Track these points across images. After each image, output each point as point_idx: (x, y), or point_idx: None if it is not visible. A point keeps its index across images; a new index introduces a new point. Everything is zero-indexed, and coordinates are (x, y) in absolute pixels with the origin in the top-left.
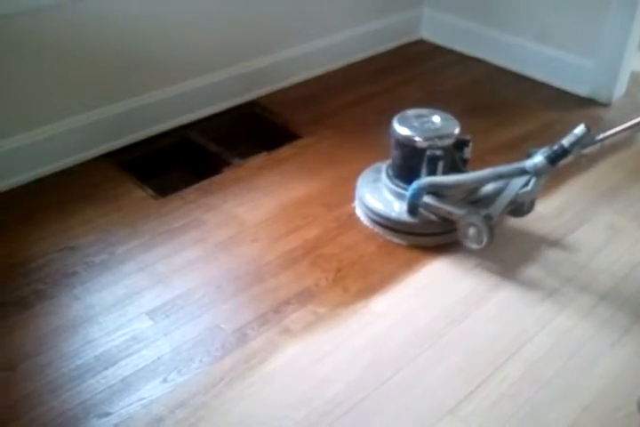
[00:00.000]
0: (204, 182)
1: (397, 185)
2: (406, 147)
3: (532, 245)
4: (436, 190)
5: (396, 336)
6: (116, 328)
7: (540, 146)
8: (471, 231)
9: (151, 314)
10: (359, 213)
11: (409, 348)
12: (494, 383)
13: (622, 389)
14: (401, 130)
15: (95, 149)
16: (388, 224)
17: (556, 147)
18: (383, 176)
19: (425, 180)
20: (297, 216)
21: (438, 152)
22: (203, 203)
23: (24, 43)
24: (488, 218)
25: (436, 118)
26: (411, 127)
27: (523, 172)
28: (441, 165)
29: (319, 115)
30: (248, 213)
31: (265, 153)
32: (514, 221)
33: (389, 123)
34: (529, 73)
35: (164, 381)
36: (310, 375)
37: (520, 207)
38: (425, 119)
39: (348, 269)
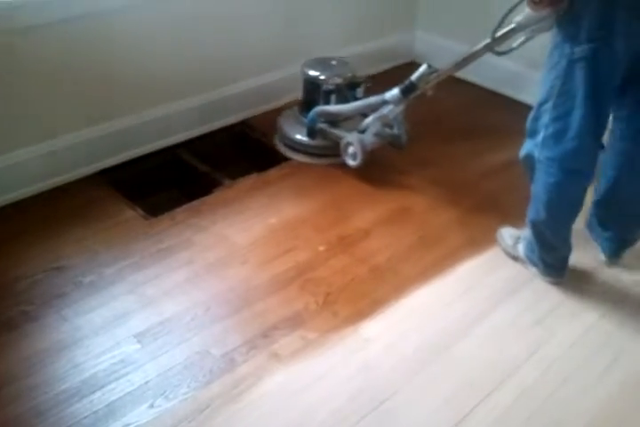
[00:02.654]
0: (195, 203)
1: (304, 116)
2: (309, 84)
3: (520, 271)
4: (329, 119)
5: (385, 363)
6: (104, 351)
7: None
8: (350, 150)
9: (139, 337)
10: (278, 143)
11: (398, 375)
12: (484, 412)
13: (611, 421)
14: (307, 70)
15: (86, 168)
16: (296, 146)
17: (407, 82)
18: (295, 112)
19: (318, 108)
20: (287, 239)
21: (331, 87)
22: (193, 224)
23: (12, 61)
24: (362, 138)
25: (334, 62)
26: (314, 69)
27: (384, 101)
28: (334, 98)
29: None
30: (238, 235)
31: (255, 174)
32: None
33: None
34: (521, 97)
35: (151, 406)
36: (299, 402)
37: (396, 140)
38: (325, 63)
39: (338, 293)
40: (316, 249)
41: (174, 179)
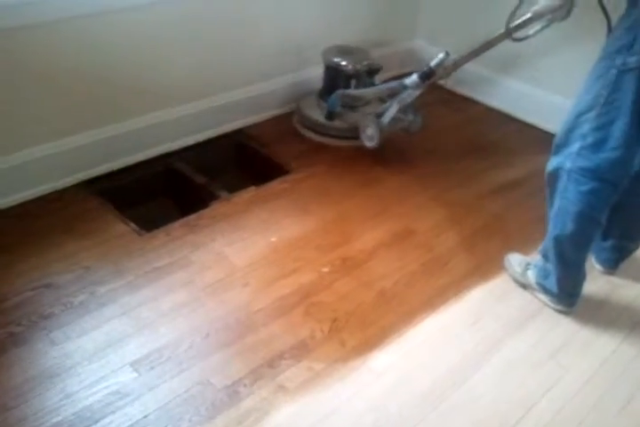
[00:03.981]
0: (191, 217)
1: (324, 100)
2: (331, 70)
3: (530, 300)
4: (350, 102)
5: (397, 399)
6: (98, 380)
7: (533, 191)
8: (368, 131)
9: (135, 365)
10: (297, 124)
11: (411, 412)
12: None
13: None
14: (329, 57)
15: (75, 176)
16: (315, 127)
17: (425, 68)
18: (316, 96)
19: (340, 91)
20: (289, 259)
21: (352, 72)
22: (189, 240)
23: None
24: (379, 121)
25: (353, 50)
26: (335, 55)
27: (404, 86)
28: (353, 83)
29: (308, 147)
30: (237, 254)
31: (254, 188)
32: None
33: (381, 159)
34: (520, 115)
35: None
36: None
37: (411, 125)
38: (345, 51)
39: (345, 321)
40: (319, 271)
41: (168, 190)
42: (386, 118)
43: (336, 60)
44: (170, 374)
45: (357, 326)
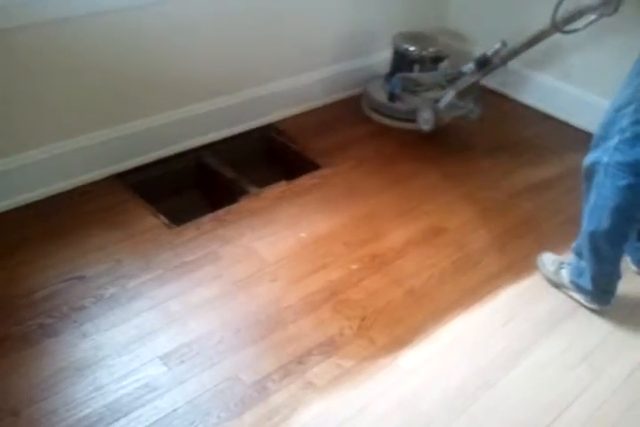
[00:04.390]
0: (220, 212)
1: (388, 83)
2: (398, 55)
3: (563, 300)
4: (410, 86)
5: (426, 398)
6: (128, 373)
7: (567, 191)
8: (424, 115)
9: (165, 359)
10: (364, 106)
11: (441, 412)
12: None
13: None
14: (397, 42)
15: (107, 169)
16: (378, 108)
17: (481, 56)
18: (383, 79)
19: (400, 74)
20: (317, 255)
21: (416, 57)
22: (219, 235)
23: (32, 58)
24: (436, 106)
25: (425, 37)
26: (404, 41)
27: (461, 73)
28: (417, 68)
29: (339, 143)
30: (267, 249)
31: (284, 182)
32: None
33: (411, 157)
34: (554, 112)
35: None
36: None
37: (470, 114)
38: (416, 37)
39: (374, 318)
40: (348, 268)
41: (198, 183)
42: (442, 103)
43: (404, 45)
44: (199, 368)
45: (386, 324)
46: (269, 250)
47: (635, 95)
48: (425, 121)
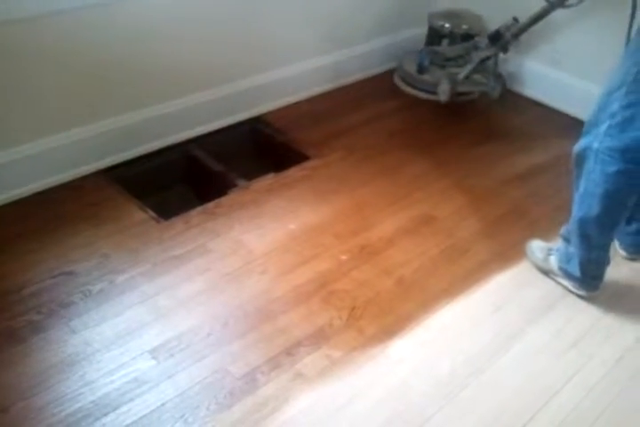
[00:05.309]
0: (209, 205)
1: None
2: (432, 30)
3: (551, 287)
4: (436, 60)
5: (416, 387)
6: (117, 368)
7: (556, 178)
8: (443, 86)
9: (154, 353)
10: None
11: (430, 401)
12: None
13: None
14: (432, 18)
15: (94, 164)
16: (407, 79)
17: (493, 31)
18: (417, 54)
19: (427, 47)
20: (307, 246)
21: (444, 32)
22: (207, 228)
23: (19, 52)
24: (453, 78)
25: (462, 15)
26: (439, 18)
27: (475, 47)
28: (445, 42)
29: (327, 134)
30: (255, 242)
31: (272, 174)
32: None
33: (401, 146)
34: (542, 98)
35: None
36: None
37: (490, 91)
38: (452, 15)
39: (363, 308)
40: (338, 258)
41: (186, 177)
42: (460, 75)
43: (439, 22)
44: (188, 361)
45: (376, 314)
46: (258, 242)
47: (625, 78)
48: (443, 92)
